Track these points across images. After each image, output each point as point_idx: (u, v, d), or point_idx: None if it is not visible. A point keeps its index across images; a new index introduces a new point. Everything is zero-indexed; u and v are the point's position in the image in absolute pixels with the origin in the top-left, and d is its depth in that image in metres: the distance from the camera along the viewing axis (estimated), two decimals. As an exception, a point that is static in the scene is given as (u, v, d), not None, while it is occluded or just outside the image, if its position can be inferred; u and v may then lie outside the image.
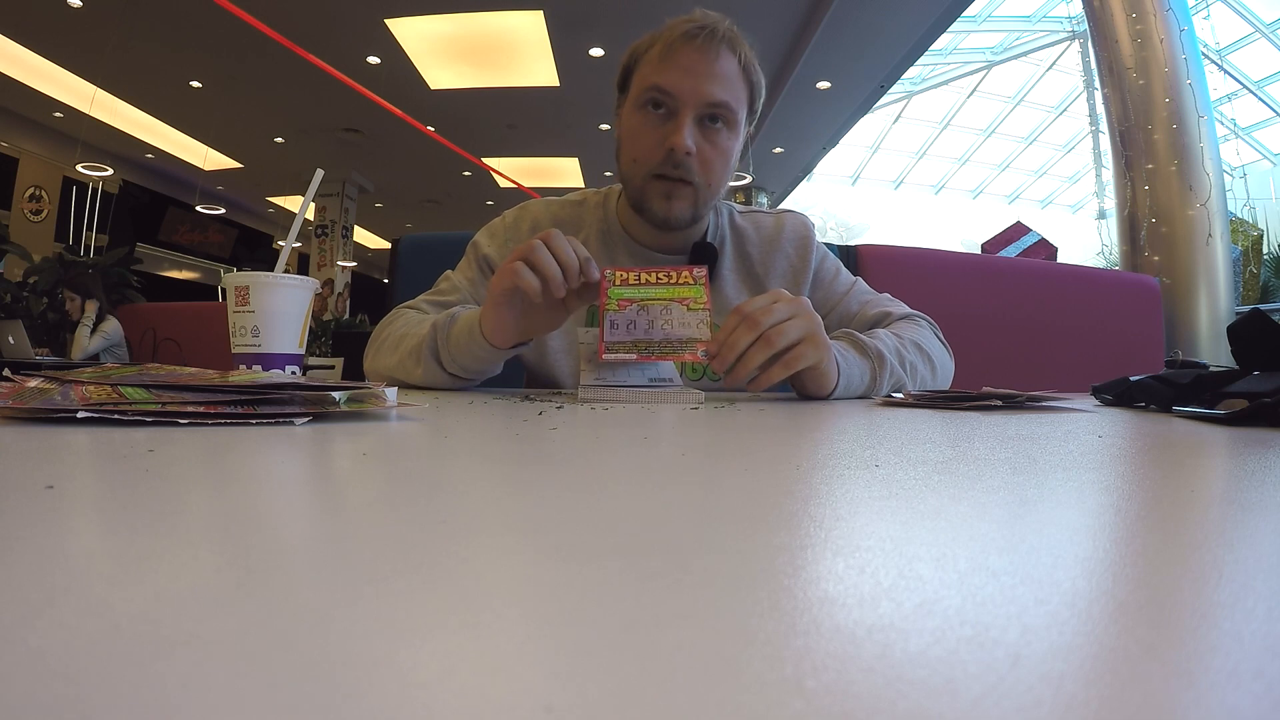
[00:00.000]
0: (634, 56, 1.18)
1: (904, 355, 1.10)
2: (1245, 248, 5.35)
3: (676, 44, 1.11)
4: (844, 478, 0.35)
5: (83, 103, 9.00)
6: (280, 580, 0.18)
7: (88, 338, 5.02)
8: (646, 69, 1.14)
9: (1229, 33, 10.62)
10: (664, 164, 1.12)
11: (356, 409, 0.61)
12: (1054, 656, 0.13)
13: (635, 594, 0.17)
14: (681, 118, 1.11)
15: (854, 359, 1.03)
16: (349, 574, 0.18)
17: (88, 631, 0.14)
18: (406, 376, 1.08)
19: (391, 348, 1.11)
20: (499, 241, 1.28)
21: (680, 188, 1.14)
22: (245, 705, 0.11)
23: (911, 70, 9.56)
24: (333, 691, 0.12)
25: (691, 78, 1.10)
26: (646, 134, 1.14)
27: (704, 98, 1.11)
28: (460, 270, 1.28)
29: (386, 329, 1.16)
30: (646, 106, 1.14)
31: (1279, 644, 0.14)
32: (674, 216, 1.17)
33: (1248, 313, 0.79)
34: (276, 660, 0.13)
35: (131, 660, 0.13)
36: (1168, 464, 0.43)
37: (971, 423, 0.65)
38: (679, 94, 1.11)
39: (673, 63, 1.11)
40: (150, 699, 0.11)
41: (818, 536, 0.23)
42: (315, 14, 7.06)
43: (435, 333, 1.05)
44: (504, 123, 9.84)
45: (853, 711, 0.11)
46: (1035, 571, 0.19)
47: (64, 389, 0.53)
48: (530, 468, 0.38)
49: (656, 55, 1.12)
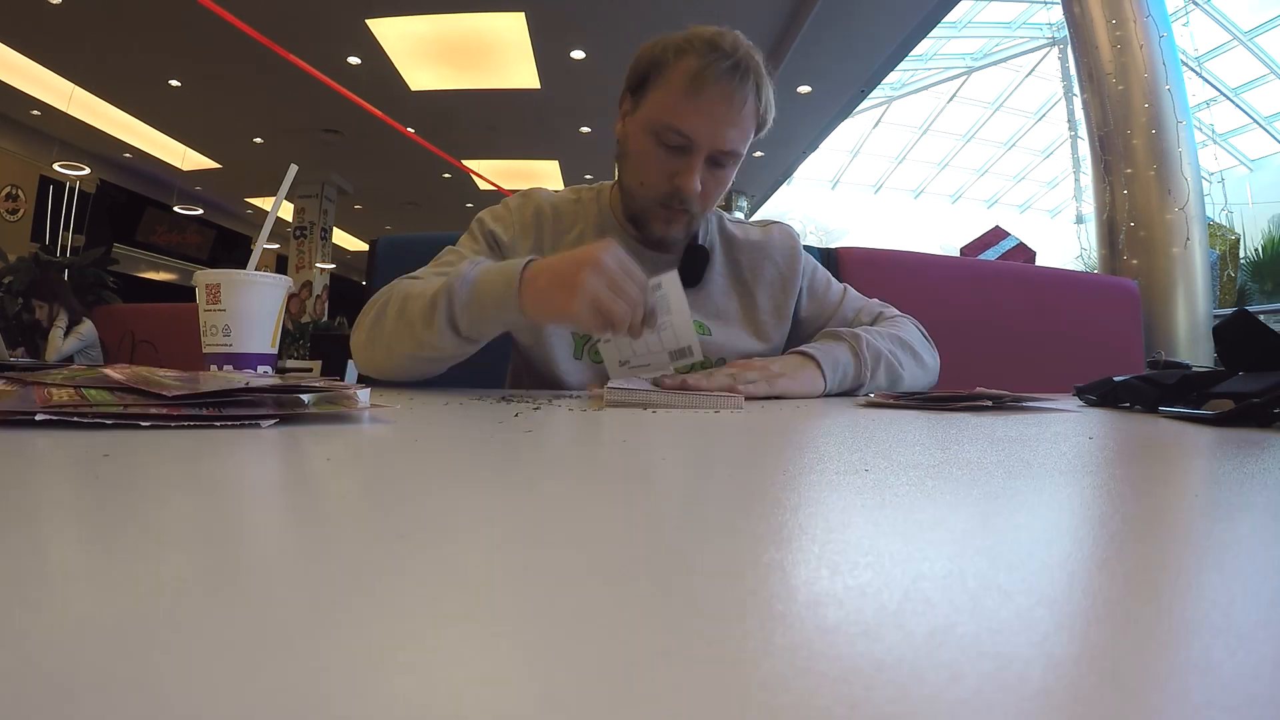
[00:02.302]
0: (654, 66, 1.14)
1: (881, 342, 1.18)
2: (1223, 252, 5.40)
3: (706, 82, 1.08)
4: (834, 484, 0.33)
5: (60, 101, 8.88)
6: (214, 607, 0.16)
7: (61, 339, 4.96)
8: (667, 97, 1.11)
9: (1207, 40, 10.76)
10: (670, 197, 1.15)
11: (327, 410, 0.59)
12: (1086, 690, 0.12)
13: (610, 627, 0.15)
14: (694, 160, 1.11)
15: (832, 346, 1.13)
16: (288, 603, 0.16)
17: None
18: (412, 342, 1.02)
19: (397, 312, 1.04)
20: (504, 224, 1.26)
21: (680, 215, 1.17)
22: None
23: (892, 75, 9.62)
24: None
25: (711, 124, 1.10)
26: (656, 165, 1.14)
27: (718, 145, 1.11)
28: (464, 244, 1.25)
29: (387, 293, 1.10)
30: (660, 139, 1.13)
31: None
32: (670, 238, 1.21)
33: (1234, 313, 0.78)
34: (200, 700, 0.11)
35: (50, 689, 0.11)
36: (1166, 466, 0.42)
37: (959, 424, 0.64)
38: (696, 139, 1.10)
39: (696, 106, 1.09)
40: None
41: (812, 552, 0.21)
42: (295, 14, 7.00)
43: (451, 296, 0.98)
44: (485, 125, 9.79)
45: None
46: (1051, 590, 0.17)
47: (24, 390, 0.51)
48: (501, 476, 0.36)
49: (681, 86, 1.10)
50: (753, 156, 9.60)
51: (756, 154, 10.70)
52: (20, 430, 0.44)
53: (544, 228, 1.27)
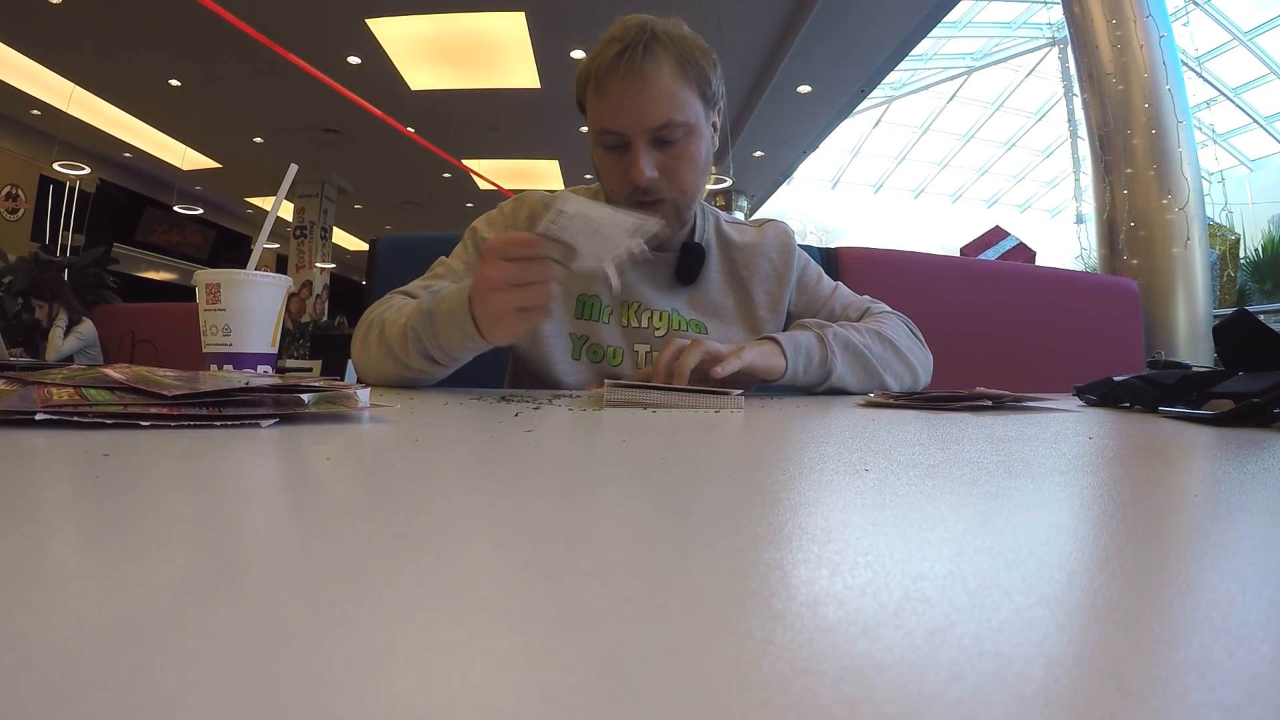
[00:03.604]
0: (580, 82, 1.17)
1: (851, 334, 1.17)
2: (1223, 252, 5.40)
3: (604, 77, 1.10)
4: (834, 483, 0.33)
5: (60, 100, 8.87)
6: (214, 607, 0.16)
7: (61, 339, 4.96)
8: (591, 104, 1.15)
9: (1208, 40, 10.75)
10: (634, 194, 1.15)
11: (327, 410, 0.59)
12: (1087, 691, 0.12)
13: (610, 625, 0.15)
14: (635, 151, 1.12)
15: (795, 332, 1.13)
16: (287, 603, 0.16)
17: None
18: (397, 365, 1.04)
19: (378, 338, 1.07)
20: (498, 229, 1.27)
21: (656, 207, 1.16)
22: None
23: (892, 75, 9.61)
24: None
25: (627, 111, 1.10)
26: (611, 170, 1.16)
27: (646, 124, 1.11)
28: (456, 255, 1.27)
29: (373, 313, 1.12)
30: (603, 145, 1.15)
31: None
32: (662, 234, 1.20)
33: (1234, 313, 0.78)
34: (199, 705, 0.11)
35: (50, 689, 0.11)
36: (1166, 466, 0.41)
37: (959, 424, 0.64)
38: (622, 130, 1.11)
39: (607, 99, 1.11)
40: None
41: (811, 551, 0.21)
42: (295, 13, 7.00)
43: (420, 330, 1.00)
44: (484, 124, 9.79)
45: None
46: (1050, 589, 0.17)
47: (25, 390, 0.51)
48: (501, 475, 0.36)
49: (594, 90, 1.13)
50: (752, 156, 9.60)
51: (756, 154, 10.72)
52: (20, 430, 0.44)
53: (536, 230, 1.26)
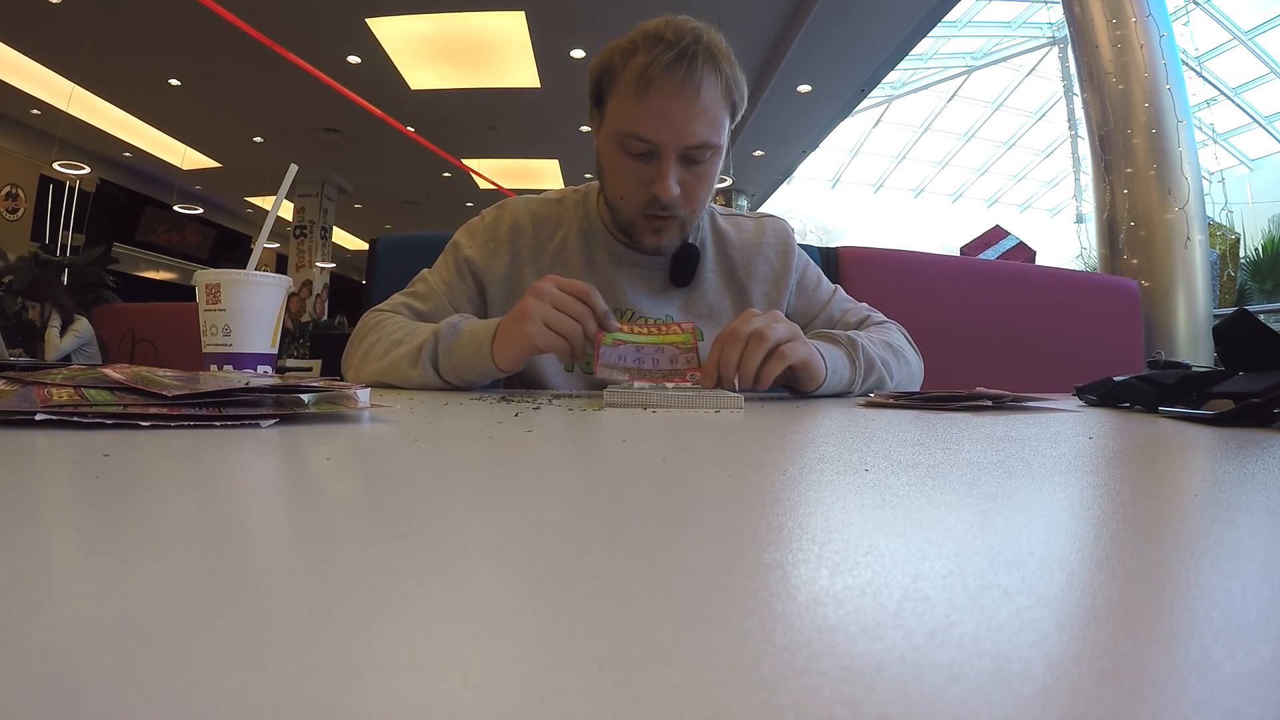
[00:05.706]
0: (607, 74, 1.10)
1: (874, 349, 1.12)
2: (1223, 251, 5.39)
3: (654, 80, 1.03)
4: (834, 483, 0.33)
5: (60, 100, 8.87)
6: (214, 607, 0.16)
7: (58, 338, 4.97)
8: (623, 103, 1.08)
9: (1208, 39, 10.74)
10: (650, 206, 1.11)
11: (327, 410, 0.59)
12: (1086, 690, 0.12)
13: (610, 625, 0.15)
14: (665, 164, 1.07)
15: (830, 349, 1.05)
16: (287, 603, 0.16)
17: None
18: (399, 379, 1.05)
19: (382, 353, 1.07)
20: (479, 242, 1.25)
21: (669, 222, 1.14)
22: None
23: (892, 74, 9.62)
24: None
25: (672, 123, 1.04)
26: (629, 175, 1.10)
27: (685, 142, 1.06)
28: (437, 271, 1.25)
29: (371, 334, 1.13)
30: (627, 149, 1.09)
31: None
32: (664, 246, 1.18)
33: (1234, 313, 0.78)
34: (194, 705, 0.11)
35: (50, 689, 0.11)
36: (1166, 466, 0.41)
37: (958, 424, 0.64)
38: (660, 141, 1.05)
39: (651, 105, 1.04)
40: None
41: (811, 551, 0.21)
42: (295, 13, 7.00)
43: (437, 341, 1.02)
44: (484, 124, 9.79)
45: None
46: (1050, 589, 0.17)
47: (25, 390, 0.51)
48: (501, 475, 0.36)
49: (632, 89, 1.05)
50: (752, 155, 9.60)
51: (756, 153, 10.72)
52: (20, 430, 0.44)
53: (520, 241, 1.24)
